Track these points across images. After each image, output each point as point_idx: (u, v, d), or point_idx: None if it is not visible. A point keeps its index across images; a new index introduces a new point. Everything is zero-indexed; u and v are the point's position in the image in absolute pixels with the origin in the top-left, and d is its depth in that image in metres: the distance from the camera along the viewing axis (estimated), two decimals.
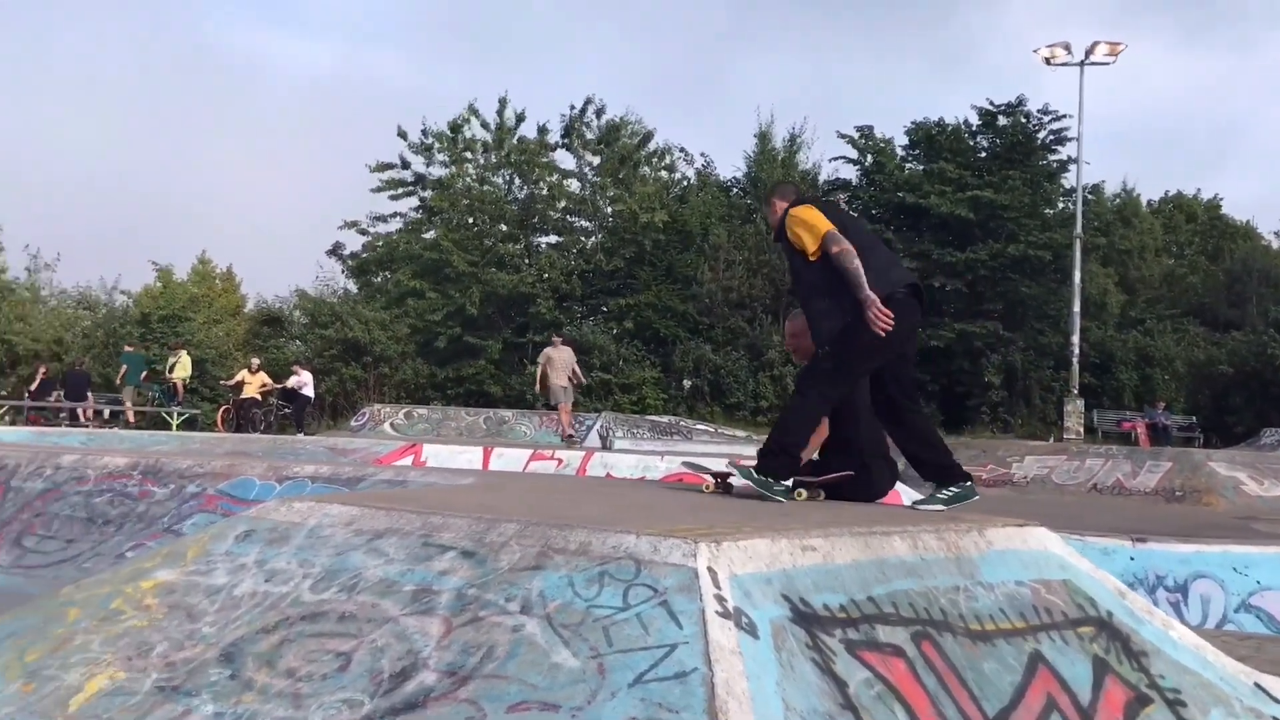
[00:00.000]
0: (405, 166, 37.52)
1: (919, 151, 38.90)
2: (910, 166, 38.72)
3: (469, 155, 37.90)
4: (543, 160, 37.18)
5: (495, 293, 35.08)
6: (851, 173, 39.86)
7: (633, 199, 36.41)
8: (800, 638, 2.77)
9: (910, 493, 8.01)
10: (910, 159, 39.18)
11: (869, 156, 39.01)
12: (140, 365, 26.71)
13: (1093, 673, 3.42)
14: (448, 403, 32.71)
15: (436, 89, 78.89)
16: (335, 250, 39.63)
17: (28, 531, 6.92)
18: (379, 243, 38.56)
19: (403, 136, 37.20)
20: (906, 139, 39.18)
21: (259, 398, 24.24)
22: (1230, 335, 36.76)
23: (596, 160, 38.14)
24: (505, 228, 37.50)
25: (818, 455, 5.56)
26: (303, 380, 24.49)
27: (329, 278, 39.93)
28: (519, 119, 37.61)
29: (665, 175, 40.02)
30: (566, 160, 38.32)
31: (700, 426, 28.97)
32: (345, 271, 39.97)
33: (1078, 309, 31.15)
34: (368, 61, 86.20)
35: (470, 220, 37.65)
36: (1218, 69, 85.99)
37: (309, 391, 24.89)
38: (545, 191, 37.81)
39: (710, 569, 2.80)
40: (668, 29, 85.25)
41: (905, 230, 37.14)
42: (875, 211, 38.83)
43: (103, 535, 6.72)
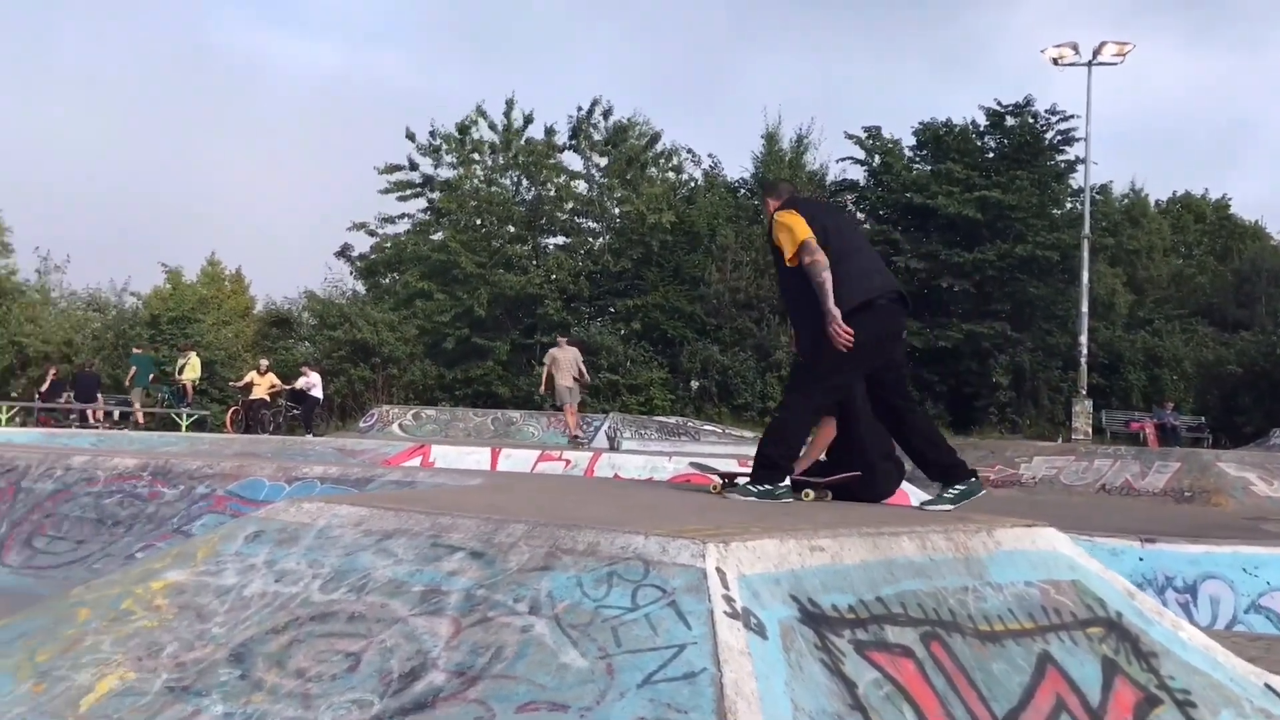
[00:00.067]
0: (413, 168, 37.50)
1: (926, 152, 38.80)
2: (918, 167, 38.59)
3: (477, 157, 37.86)
4: (550, 161, 37.13)
5: (503, 294, 35.07)
6: (859, 173, 39.78)
7: (640, 200, 36.34)
8: (809, 638, 2.76)
9: (918, 493, 8.01)
10: (918, 159, 39.06)
11: (876, 157, 38.91)
12: (149, 367, 26.78)
13: (1102, 673, 3.41)
14: (456, 404, 32.73)
15: (440, 90, 78.98)
16: (343, 252, 39.65)
17: (38, 532, 6.94)
18: (387, 244, 38.57)
19: (411, 138, 37.21)
20: (914, 139, 39.09)
21: (268, 399, 24.30)
22: (1239, 335, 36.60)
23: (604, 161, 38.06)
24: (513, 229, 37.46)
25: (825, 456, 5.57)
26: (311, 381, 24.54)
27: (337, 279, 39.96)
28: (527, 120, 37.60)
29: (673, 176, 39.93)
30: (574, 161, 38.27)
31: (708, 427, 28.92)
32: (353, 273, 39.99)
33: (1086, 309, 31.04)
34: (371, 62, 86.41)
35: (478, 221, 37.63)
36: (1226, 69, 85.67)
37: (317, 393, 24.95)
38: (553, 193, 37.76)
39: (719, 569, 2.80)
40: (675, 29, 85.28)
41: (913, 231, 37.07)
42: (883, 212, 38.77)
43: (113, 536, 6.73)
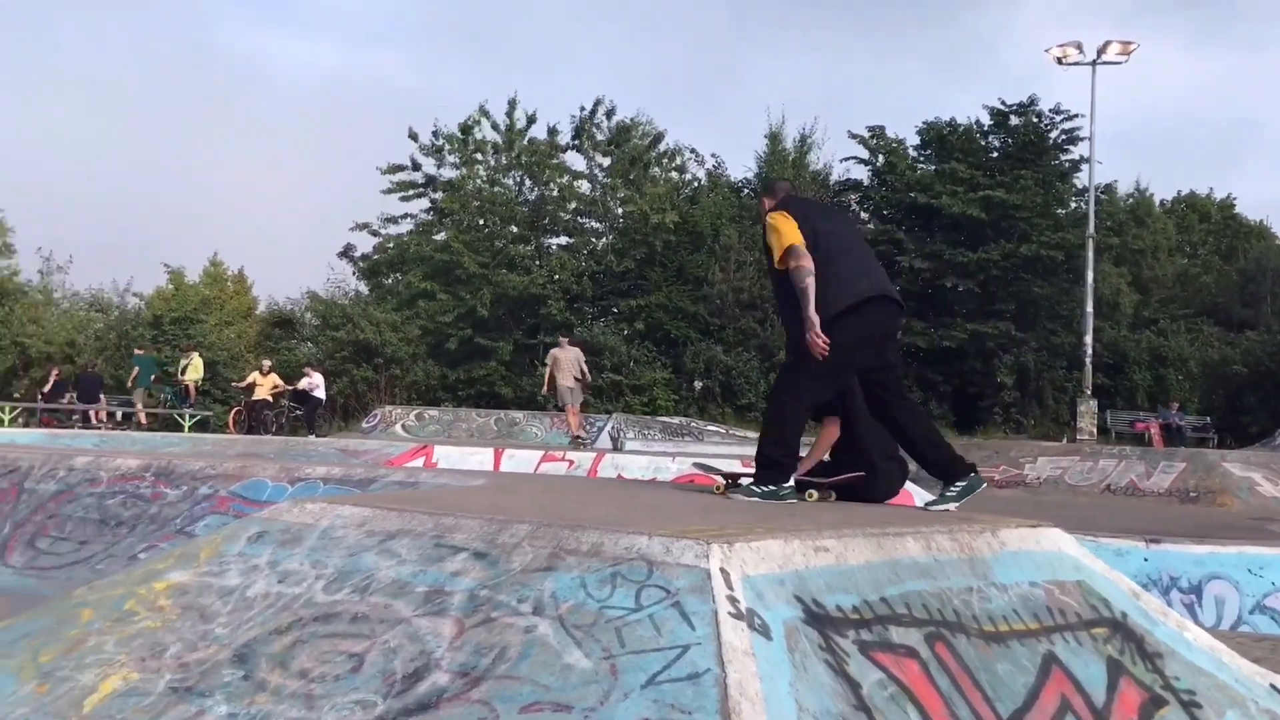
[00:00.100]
0: (416, 168, 37.54)
1: (931, 152, 38.80)
2: (922, 167, 38.59)
3: (479, 157, 37.90)
4: (553, 161, 37.16)
5: (506, 294, 35.09)
6: (863, 173, 39.83)
7: (643, 200, 36.34)
8: (813, 639, 2.76)
9: (922, 494, 8.00)
10: (922, 159, 39.06)
11: (880, 157, 38.91)
12: (151, 368, 26.83)
13: (1107, 674, 3.40)
14: (459, 404, 32.76)
15: (442, 90, 79.17)
16: (346, 252, 39.70)
17: (41, 533, 6.94)
18: (390, 244, 38.61)
19: (413, 138, 37.26)
20: (918, 139, 39.12)
21: (270, 399, 24.30)
22: (1244, 335, 36.57)
23: (607, 161, 38.07)
24: (516, 229, 37.48)
25: (829, 456, 5.56)
26: (314, 382, 24.56)
27: (340, 279, 40.01)
28: (530, 120, 37.64)
29: (676, 176, 39.95)
30: (577, 161, 38.34)
31: (711, 428, 28.92)
32: (356, 273, 40.05)
33: (1090, 309, 31.00)
34: (372, 62, 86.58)
35: (481, 222, 37.65)
36: (1230, 68, 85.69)
37: (320, 393, 24.97)
38: (556, 193, 37.78)
39: (723, 570, 2.80)
40: (679, 29, 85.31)
41: (917, 231, 37.06)
42: (887, 212, 38.77)
43: (116, 537, 6.73)
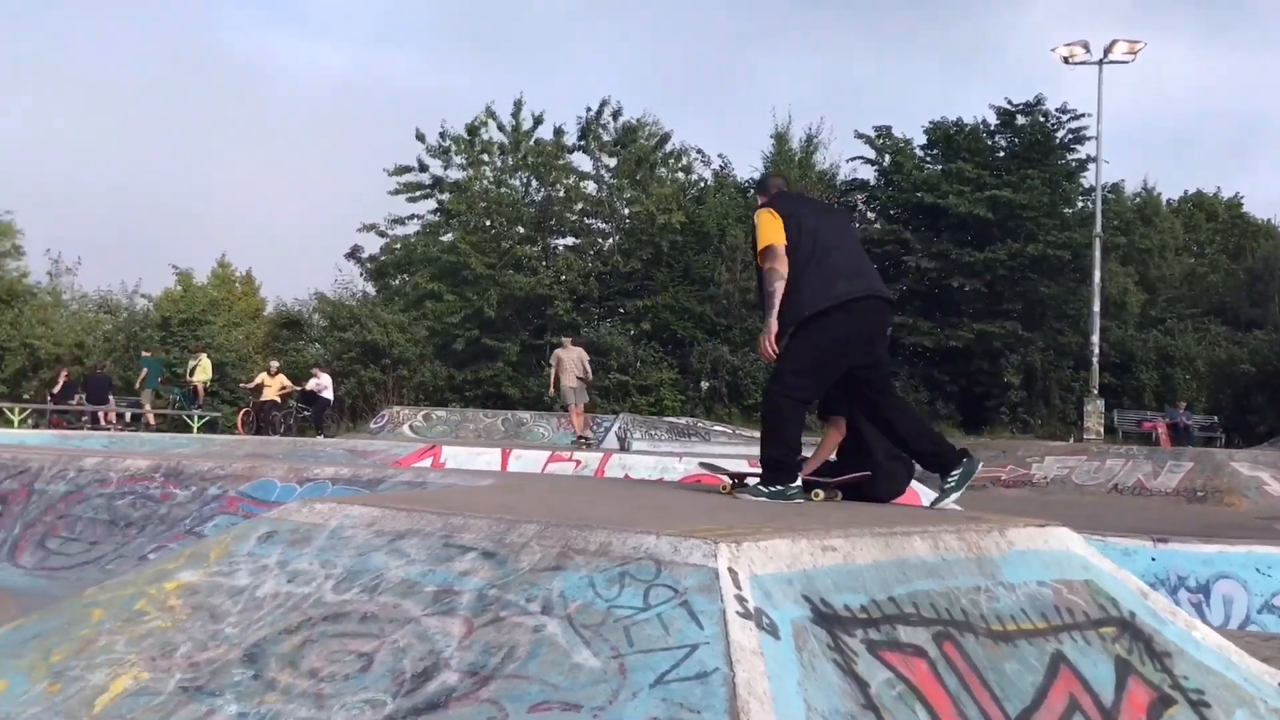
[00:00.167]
0: (423, 169, 37.58)
1: (937, 151, 38.72)
2: (928, 166, 38.51)
3: (486, 158, 37.92)
4: (559, 162, 37.17)
5: (513, 295, 35.11)
6: (869, 173, 39.74)
7: (650, 200, 36.33)
8: (821, 638, 2.76)
9: (928, 493, 7.98)
10: (928, 159, 38.99)
11: (887, 156, 38.84)
12: (158, 369, 26.92)
13: (1115, 673, 3.40)
14: (466, 405, 32.79)
15: (449, 91, 79.10)
16: (353, 253, 39.76)
17: (51, 534, 6.96)
18: (397, 245, 38.65)
19: (420, 139, 37.30)
20: (924, 139, 39.05)
21: (278, 400, 24.37)
22: (1252, 334, 36.45)
23: (613, 162, 38.08)
24: (522, 230, 37.50)
25: (835, 456, 5.57)
26: (322, 383, 24.61)
27: (347, 281, 40.08)
28: (536, 121, 37.66)
29: (682, 176, 39.94)
30: (583, 162, 38.34)
31: (718, 428, 28.91)
32: (363, 274, 40.12)
33: (1097, 308, 30.92)
34: (379, 63, 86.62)
35: (488, 223, 37.68)
36: (1238, 67, 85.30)
37: (328, 394, 25.02)
38: (562, 193, 37.80)
39: (731, 569, 2.80)
40: (684, 29, 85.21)
41: (923, 230, 36.99)
42: (893, 211, 38.70)
43: (125, 537, 6.75)
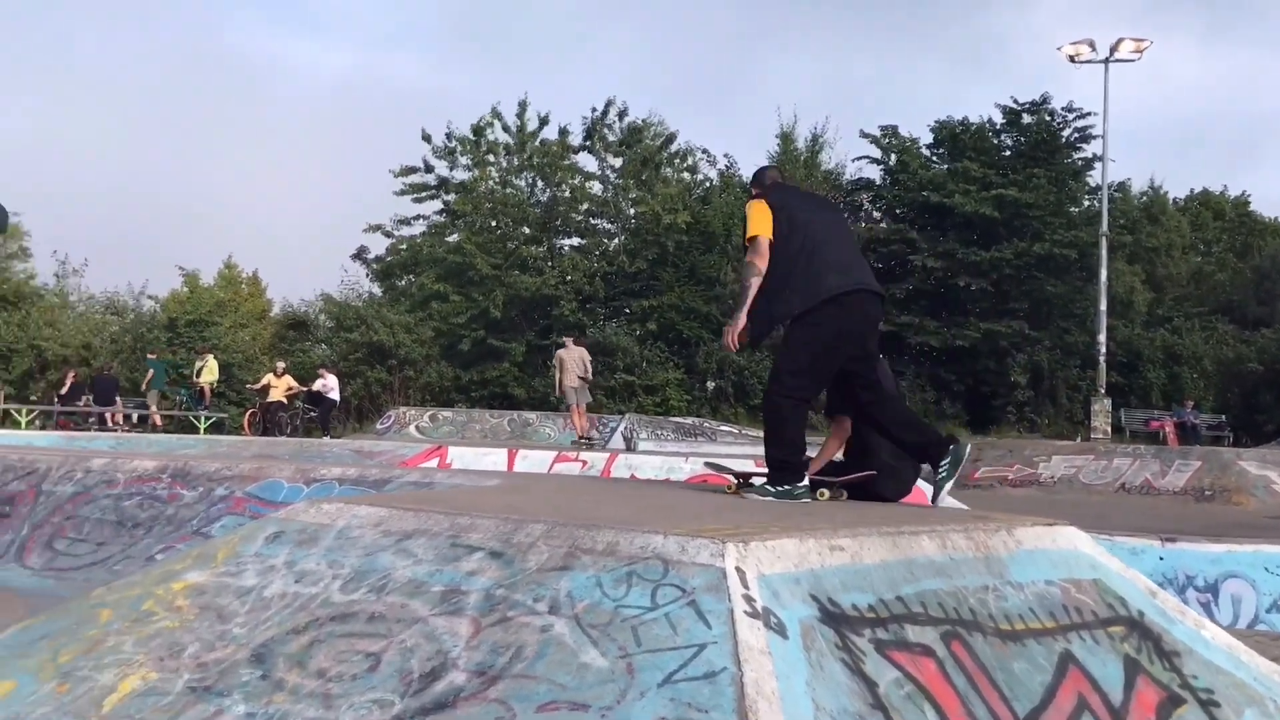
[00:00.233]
0: (429, 170, 37.60)
1: (943, 150, 38.70)
2: (934, 165, 38.49)
3: (491, 158, 37.92)
4: (565, 163, 37.16)
5: (518, 295, 35.12)
6: (875, 172, 39.76)
7: (655, 200, 36.33)
8: (829, 638, 2.76)
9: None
10: (934, 158, 38.97)
11: (893, 156, 38.83)
12: (164, 371, 26.99)
13: (1124, 673, 3.39)
14: (472, 405, 32.81)
15: (454, 92, 79.38)
16: (360, 254, 39.80)
17: (59, 534, 6.97)
18: (403, 246, 38.67)
19: (426, 140, 37.30)
20: (931, 138, 39.05)
21: (285, 401, 24.41)
22: (1259, 333, 36.36)
23: (619, 162, 38.06)
24: (528, 230, 37.51)
25: (841, 455, 5.56)
26: (328, 384, 24.65)
27: (354, 281, 40.15)
28: (542, 122, 37.66)
29: (688, 176, 39.91)
30: (589, 162, 38.35)
31: (724, 428, 28.91)
32: (369, 275, 40.17)
33: (1104, 307, 30.86)
34: (384, 64, 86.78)
35: (493, 223, 37.69)
36: (1244, 65, 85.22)
37: (334, 395, 25.07)
38: (567, 194, 37.81)
39: (738, 569, 2.80)
40: (690, 29, 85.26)
41: (930, 229, 36.97)
42: (899, 211, 38.68)
43: (133, 538, 6.76)
